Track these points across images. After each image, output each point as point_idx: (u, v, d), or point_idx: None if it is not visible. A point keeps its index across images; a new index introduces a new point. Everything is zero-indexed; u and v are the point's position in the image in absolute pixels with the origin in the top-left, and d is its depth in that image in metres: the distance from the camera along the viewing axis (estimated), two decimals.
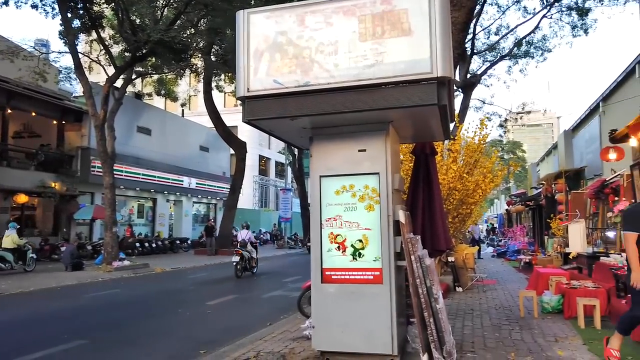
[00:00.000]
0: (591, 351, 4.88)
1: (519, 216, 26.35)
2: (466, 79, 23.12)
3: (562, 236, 12.78)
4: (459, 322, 6.54)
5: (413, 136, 5.92)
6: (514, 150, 58.94)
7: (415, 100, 4.18)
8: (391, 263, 4.61)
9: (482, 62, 27.96)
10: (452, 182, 9.40)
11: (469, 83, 23.36)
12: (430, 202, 5.83)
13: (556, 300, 6.99)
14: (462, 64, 22.76)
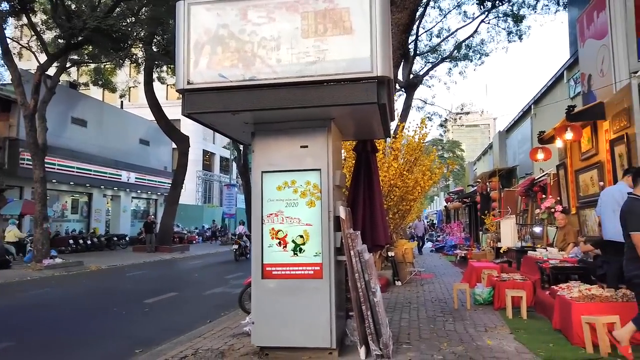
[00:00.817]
0: (517, 340, 5.18)
1: (456, 212, 27.47)
2: (409, 79, 23.77)
3: (495, 232, 13.47)
4: (397, 315, 6.74)
5: (355, 133, 6.03)
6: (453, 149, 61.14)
7: (355, 98, 4.26)
8: (331, 258, 4.68)
9: (424, 64, 28.84)
10: (393, 179, 9.65)
11: (412, 83, 24.04)
12: (371, 199, 5.97)
13: (487, 292, 7.36)
14: (406, 64, 23.37)
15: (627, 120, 7.04)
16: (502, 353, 4.69)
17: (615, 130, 7.53)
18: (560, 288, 5.81)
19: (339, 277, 4.93)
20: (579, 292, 5.31)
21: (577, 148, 9.33)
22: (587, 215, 8.85)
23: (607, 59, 9.65)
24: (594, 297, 5.06)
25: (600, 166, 8.16)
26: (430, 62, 28.43)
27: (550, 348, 4.77)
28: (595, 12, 10.23)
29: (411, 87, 23.97)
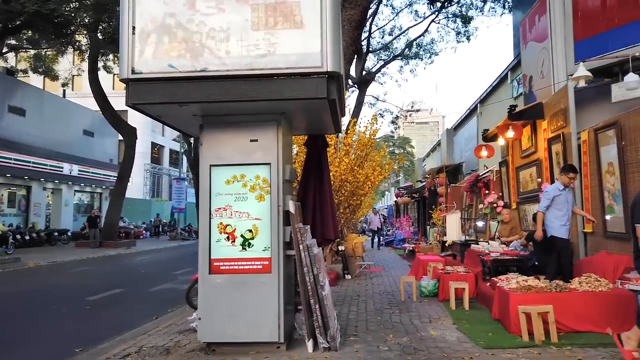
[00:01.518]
0: (459, 330, 5.38)
1: (406, 207, 28.12)
2: (362, 75, 24.02)
3: (442, 226, 13.92)
4: (345, 308, 6.84)
5: (306, 128, 6.04)
6: (404, 145, 62.44)
7: (305, 93, 4.27)
8: (280, 252, 4.68)
9: (376, 61, 29.25)
10: (344, 174, 9.75)
11: (364, 80, 24.30)
12: (321, 193, 6.01)
13: (432, 285, 7.60)
14: (358, 61, 23.59)
15: (564, 120, 7.44)
16: (444, 343, 4.86)
17: (552, 129, 7.94)
18: (499, 280, 6.07)
19: (288, 272, 4.94)
20: (517, 283, 5.58)
21: (518, 146, 9.77)
22: (527, 210, 9.31)
23: (547, 61, 10.17)
24: (530, 288, 5.33)
25: (538, 163, 8.59)
26: (382, 59, 28.90)
27: (489, 337, 4.98)
28: (537, 16, 10.73)
29: (364, 84, 24.21)
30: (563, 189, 6.13)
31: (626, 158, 5.92)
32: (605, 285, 5.22)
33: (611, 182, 6.29)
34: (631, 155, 5.80)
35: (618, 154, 6.04)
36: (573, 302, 5.10)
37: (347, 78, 14.46)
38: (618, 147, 6.04)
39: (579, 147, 7.20)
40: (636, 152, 5.69)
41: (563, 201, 6.11)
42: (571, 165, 6.42)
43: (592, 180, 6.76)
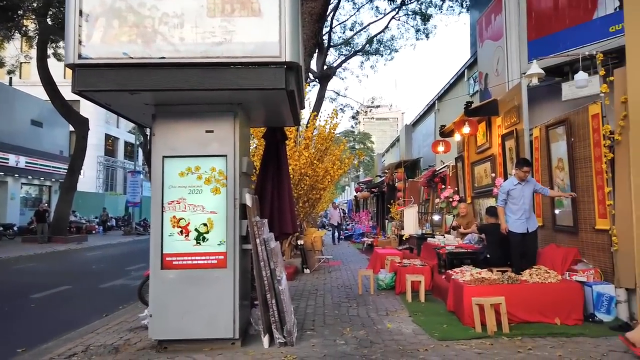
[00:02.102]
0: (415, 322, 5.44)
1: (365, 202, 28.40)
2: (323, 70, 23.98)
3: (399, 220, 14.10)
4: (303, 302, 6.79)
5: (265, 120, 5.93)
6: (364, 141, 62.99)
7: (263, 83, 4.17)
8: (236, 247, 4.57)
9: (338, 56, 29.29)
10: (303, 168, 9.68)
11: (325, 74, 24.28)
12: (280, 187, 5.92)
13: (390, 278, 7.66)
14: (320, 55, 23.55)
15: (517, 117, 7.65)
16: (400, 335, 4.90)
17: (506, 126, 8.15)
18: (454, 272, 6.18)
19: (244, 266, 4.84)
20: (471, 275, 5.70)
21: (473, 142, 10.00)
22: (481, 205, 9.54)
23: (502, 59, 10.42)
24: (483, 280, 5.45)
25: (493, 159, 8.81)
26: (343, 54, 28.97)
27: (444, 329, 5.06)
28: (493, 15, 10.98)
29: (325, 78, 24.20)
30: (517, 183, 6.20)
31: (575, 154, 6.13)
32: (555, 277, 5.40)
33: (560, 177, 6.51)
34: (579, 151, 6.02)
35: (567, 150, 6.26)
36: (524, 294, 5.25)
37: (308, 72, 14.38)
38: (567, 143, 6.25)
39: (531, 143, 7.42)
40: (584, 148, 5.91)
41: (518, 195, 6.17)
42: (524, 159, 6.55)
43: (543, 175, 6.98)
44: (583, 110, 5.96)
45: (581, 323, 5.08)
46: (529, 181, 6.24)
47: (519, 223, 6.16)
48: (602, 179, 5.52)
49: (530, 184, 6.24)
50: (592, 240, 5.77)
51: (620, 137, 5.37)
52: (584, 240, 5.97)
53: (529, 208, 6.18)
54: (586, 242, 5.90)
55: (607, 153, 5.45)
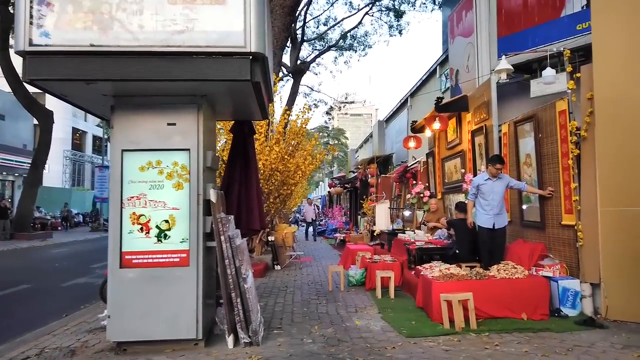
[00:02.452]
0: (384, 319, 5.39)
1: (338, 197, 28.40)
2: (296, 65, 23.78)
3: (372, 215, 14.10)
4: (272, 300, 6.67)
5: (232, 114, 5.77)
6: (338, 136, 63.04)
7: (227, 74, 4.01)
8: (199, 244, 4.42)
9: (311, 50, 29.11)
10: (274, 163, 9.53)
11: (299, 69, 24.08)
12: (247, 182, 5.77)
13: (360, 274, 7.61)
14: (293, 50, 23.36)
15: (487, 113, 7.68)
16: (368, 333, 4.83)
17: (476, 121, 8.18)
18: (423, 268, 6.17)
19: (208, 264, 4.68)
20: (440, 271, 5.68)
21: (444, 138, 10.03)
22: (451, 200, 9.59)
23: (472, 55, 10.48)
24: (452, 276, 5.44)
25: (462, 155, 8.85)
26: (317, 49, 28.80)
27: (412, 326, 5.02)
28: (464, 12, 11.03)
29: (298, 73, 23.99)
30: (488, 179, 6.21)
31: (542, 150, 6.18)
32: (522, 272, 5.43)
33: (528, 173, 6.56)
34: (547, 147, 6.07)
35: (535, 146, 6.30)
36: (491, 289, 5.25)
37: (281, 65, 14.19)
38: (535, 139, 6.29)
39: (500, 139, 7.47)
40: (551, 144, 5.95)
41: (488, 191, 6.18)
42: (497, 155, 6.55)
43: (512, 171, 7.03)
44: (550, 106, 6.00)
45: (547, 318, 5.12)
46: (502, 178, 6.23)
47: (487, 218, 6.19)
48: (568, 175, 5.58)
49: (502, 181, 6.22)
50: (558, 235, 5.83)
51: (586, 133, 5.43)
52: (551, 235, 6.03)
53: (498, 205, 6.16)
54: (553, 238, 5.96)
55: (573, 149, 5.50)
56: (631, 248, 4.97)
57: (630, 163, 5.03)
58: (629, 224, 5.00)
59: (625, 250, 5.01)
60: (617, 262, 5.05)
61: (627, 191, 5.04)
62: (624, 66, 5.14)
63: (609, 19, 5.34)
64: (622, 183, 5.06)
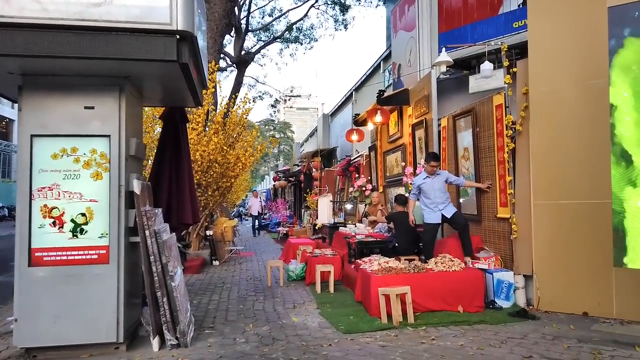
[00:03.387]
0: (322, 315, 5.23)
1: (283, 191, 28.14)
2: (240, 55, 23.20)
3: (315, 209, 13.98)
4: (206, 297, 6.35)
5: (162, 99, 5.39)
6: (284, 130, 62.65)
7: (151, 53, 3.67)
8: (121, 239, 4.05)
9: (256, 41, 28.54)
10: (212, 154, 9.14)
11: (243, 60, 23.49)
12: (179, 173, 5.42)
13: (300, 268, 7.44)
14: (237, 40, 22.76)
15: (427, 107, 7.70)
16: (305, 330, 4.66)
17: (416, 115, 8.20)
18: (363, 262, 6.07)
19: (132, 261, 4.31)
20: (379, 265, 5.60)
21: (385, 131, 10.03)
22: (392, 193, 9.61)
23: (414, 50, 10.53)
24: (390, 269, 5.36)
25: (403, 148, 8.86)
26: (262, 40, 28.29)
27: (350, 321, 4.89)
28: (407, 6, 11.05)
29: (242, 64, 23.40)
30: (427, 177, 6.16)
31: (479, 144, 6.24)
32: (458, 265, 5.44)
33: (466, 167, 6.62)
34: (484, 141, 6.13)
35: (472, 139, 6.36)
36: (429, 282, 5.22)
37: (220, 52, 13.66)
38: (473, 133, 6.35)
39: (439, 133, 7.51)
40: (488, 138, 6.02)
41: (429, 189, 6.11)
42: (433, 153, 6.51)
43: (450, 164, 7.08)
44: (488, 100, 6.06)
45: (482, 310, 5.16)
46: (440, 174, 6.20)
47: (434, 215, 6.10)
48: (503, 169, 5.65)
49: (440, 177, 6.18)
50: (493, 228, 5.92)
51: (521, 127, 5.51)
52: (487, 228, 6.11)
53: (442, 199, 6.09)
54: (488, 230, 6.04)
55: (509, 143, 5.57)
56: (562, 240, 5.10)
57: (562, 157, 5.14)
58: (560, 217, 5.12)
59: (556, 242, 5.13)
60: (549, 255, 5.17)
61: (559, 184, 5.15)
62: (557, 63, 5.24)
63: (545, 17, 5.43)
64: (554, 176, 5.17)
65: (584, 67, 5.04)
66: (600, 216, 4.83)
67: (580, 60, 5.09)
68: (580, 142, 5.05)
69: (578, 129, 5.06)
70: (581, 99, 5.06)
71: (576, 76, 5.10)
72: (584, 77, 5.03)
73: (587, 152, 4.99)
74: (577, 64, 5.10)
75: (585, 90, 5.02)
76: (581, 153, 5.03)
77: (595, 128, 4.92)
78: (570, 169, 5.09)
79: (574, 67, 5.13)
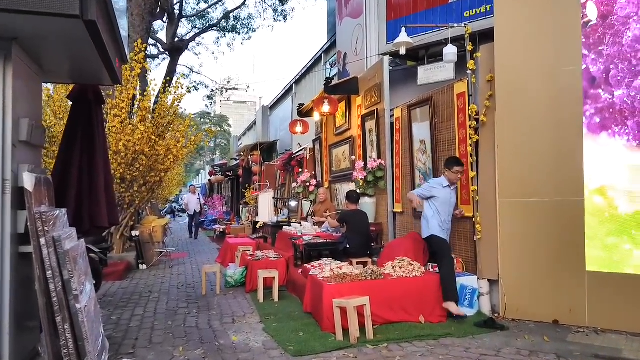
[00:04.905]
0: (266, 331, 4.51)
1: (220, 186, 26.94)
2: (173, 42, 21.83)
3: (254, 205, 13.15)
4: (128, 311, 5.42)
5: (69, 73, 4.40)
6: (221, 124, 60.91)
7: (45, 5, 2.76)
8: (5, 250, 3.12)
9: (191, 28, 27.12)
10: (139, 145, 8.10)
11: (177, 47, 22.11)
12: (92, 165, 4.46)
13: (240, 273, 6.66)
14: (170, 26, 21.43)
15: (378, 96, 7.15)
16: (247, 353, 3.91)
17: (367, 105, 7.63)
18: (312, 267, 5.42)
19: (25, 276, 3.37)
20: (331, 271, 4.94)
21: (332, 123, 9.41)
22: (339, 190, 9.01)
23: (362, 38, 9.98)
24: (345, 276, 4.72)
25: (352, 141, 8.28)
26: (197, 27, 26.91)
27: (300, 338, 4.20)
28: None
29: (176, 51, 22.04)
30: (447, 186, 4.94)
31: (438, 136, 5.75)
32: (419, 269, 4.90)
33: (422, 161, 6.12)
34: (443, 133, 5.64)
35: (430, 131, 5.86)
36: (388, 290, 4.64)
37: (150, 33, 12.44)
38: (431, 124, 5.84)
39: (392, 125, 6.99)
40: (448, 129, 5.53)
41: (445, 202, 4.92)
42: (456, 158, 5.09)
43: (404, 158, 6.57)
44: (448, 89, 5.57)
45: (445, 320, 4.64)
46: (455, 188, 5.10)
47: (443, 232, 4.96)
48: (466, 163, 5.16)
49: (454, 192, 5.09)
50: (454, 228, 5.40)
51: (485, 118, 5.05)
52: None
53: (450, 219, 5.04)
54: None
55: (472, 135, 5.10)
56: (529, 241, 4.69)
57: (531, 150, 4.73)
58: (528, 216, 4.71)
59: (523, 244, 4.72)
60: (515, 257, 4.75)
61: (527, 180, 4.73)
62: (527, 48, 4.81)
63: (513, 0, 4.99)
64: (522, 172, 4.74)
65: (556, 52, 4.63)
66: (572, 215, 4.46)
67: (552, 45, 4.67)
68: (551, 133, 4.64)
69: (548, 119, 4.66)
70: (552, 88, 4.65)
71: (547, 61, 4.68)
72: (557, 63, 4.63)
73: (558, 144, 4.59)
74: (549, 49, 4.68)
75: (557, 77, 4.62)
76: (552, 146, 4.62)
77: (567, 119, 4.54)
78: (539, 163, 4.67)
79: (545, 51, 4.70)
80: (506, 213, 4.80)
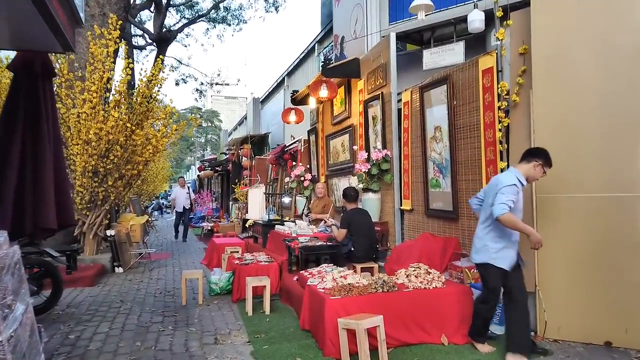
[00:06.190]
0: (255, 356, 3.67)
1: (209, 182, 26.04)
2: (161, 32, 20.95)
3: (244, 202, 12.28)
4: (91, 328, 4.54)
5: (9, 39, 3.55)
6: (212, 119, 59.89)
7: None
8: None
9: (179, 18, 26.18)
10: (113, 133, 7.20)
11: (164, 37, 21.28)
12: (38, 153, 3.62)
13: (226, 280, 5.81)
14: (157, 15, 20.56)
15: (383, 78, 6.32)
16: None
17: (370, 89, 6.81)
18: (310, 274, 4.58)
19: None
20: (333, 280, 4.11)
21: (329, 111, 8.58)
22: (336, 184, 8.20)
23: (361, 18, 9.15)
24: (351, 288, 3.89)
25: (352, 130, 7.45)
26: (186, 17, 25.96)
27: None
28: None
29: (163, 42, 21.23)
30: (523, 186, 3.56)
31: (457, 121, 4.93)
32: (439, 279, 4.08)
33: (438, 151, 5.30)
34: (464, 117, 4.82)
35: (448, 116, 5.03)
36: (403, 306, 3.83)
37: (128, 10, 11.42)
38: (449, 107, 5.02)
39: (400, 110, 6.17)
40: (470, 113, 4.71)
41: (521, 207, 3.58)
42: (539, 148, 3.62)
43: (415, 148, 5.75)
44: (471, 65, 4.75)
45: None
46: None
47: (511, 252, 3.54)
48: (494, 152, 4.36)
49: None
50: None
51: (518, 98, 4.22)
52: (466, 228, 4.82)
53: None
54: (470, 231, 4.73)
55: (502, 118, 4.28)
56: (576, 246, 3.87)
57: (576, 135, 3.91)
58: (572, 215, 3.90)
59: (567, 248, 3.90)
60: (558, 265, 3.93)
61: (572, 173, 3.91)
62: (571, 12, 3.98)
63: None
64: (565, 162, 3.92)
65: (613, 16, 3.80)
66: (628, 214, 3.66)
67: (607, 6, 3.84)
68: (601, 116, 3.83)
69: (599, 99, 3.85)
70: (605, 61, 3.83)
71: (600, 28, 3.84)
72: (612, 30, 3.79)
73: (611, 129, 3.78)
74: (603, 12, 3.85)
75: (612, 48, 3.80)
76: (602, 131, 3.81)
77: (623, 99, 3.73)
78: (586, 151, 3.86)
79: (598, 16, 3.86)
80: (545, 211, 3.98)
